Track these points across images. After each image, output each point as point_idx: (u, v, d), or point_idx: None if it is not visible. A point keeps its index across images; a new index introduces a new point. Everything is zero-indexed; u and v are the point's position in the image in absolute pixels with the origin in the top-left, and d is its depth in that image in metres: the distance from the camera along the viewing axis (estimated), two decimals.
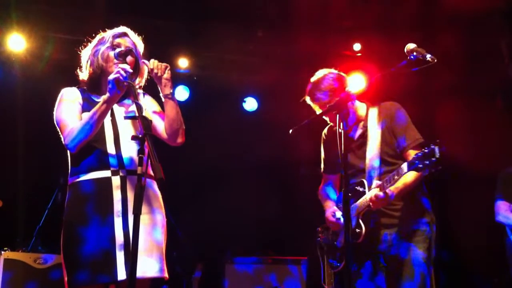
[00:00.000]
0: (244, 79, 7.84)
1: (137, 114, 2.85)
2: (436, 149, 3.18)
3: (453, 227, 6.90)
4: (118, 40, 3.36)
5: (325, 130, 4.20)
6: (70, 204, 3.19)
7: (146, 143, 2.74)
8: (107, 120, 3.27)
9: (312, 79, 4.04)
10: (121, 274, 2.98)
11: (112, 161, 3.17)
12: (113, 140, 3.22)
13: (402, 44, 3.40)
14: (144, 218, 3.01)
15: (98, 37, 3.44)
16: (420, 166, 3.23)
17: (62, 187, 6.05)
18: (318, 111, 3.93)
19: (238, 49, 7.45)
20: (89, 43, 3.49)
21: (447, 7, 6.16)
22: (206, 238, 7.08)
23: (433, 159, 3.17)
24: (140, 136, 2.77)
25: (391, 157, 3.72)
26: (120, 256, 3.00)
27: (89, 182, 3.15)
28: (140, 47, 3.49)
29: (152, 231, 3.14)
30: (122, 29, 3.46)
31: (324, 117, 3.93)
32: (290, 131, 3.59)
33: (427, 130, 6.99)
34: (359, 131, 3.90)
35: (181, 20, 7.00)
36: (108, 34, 3.40)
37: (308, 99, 4.02)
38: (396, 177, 3.46)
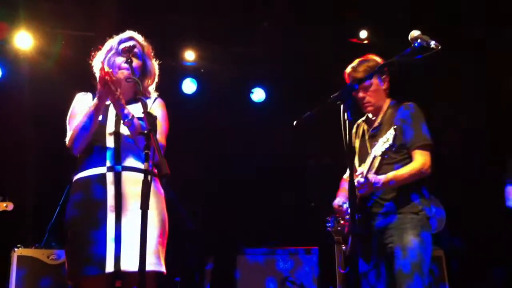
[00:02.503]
0: (251, 70, 7.83)
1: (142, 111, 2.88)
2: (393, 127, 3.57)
3: (466, 216, 6.89)
4: (124, 45, 3.45)
5: (355, 125, 4.34)
6: (69, 200, 3.30)
7: (151, 138, 2.77)
8: (111, 119, 3.36)
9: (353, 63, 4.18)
10: (109, 267, 3.06)
11: (109, 157, 3.26)
12: (113, 137, 3.31)
13: (409, 31, 3.39)
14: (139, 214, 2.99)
15: (107, 45, 3.54)
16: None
17: None
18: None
19: (244, 40, 7.44)
20: (97, 52, 3.57)
21: None
22: (217, 230, 7.11)
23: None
24: (145, 132, 2.80)
25: (394, 153, 3.81)
26: (110, 249, 3.08)
27: (86, 179, 3.25)
28: (148, 48, 3.57)
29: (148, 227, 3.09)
30: (128, 33, 3.55)
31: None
32: (294, 123, 3.64)
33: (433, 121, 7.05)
34: (375, 124, 4.05)
35: (187, 13, 6.99)
36: (115, 41, 3.51)
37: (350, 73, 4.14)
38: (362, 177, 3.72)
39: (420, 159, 3.80)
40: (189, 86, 7.78)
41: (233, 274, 6.31)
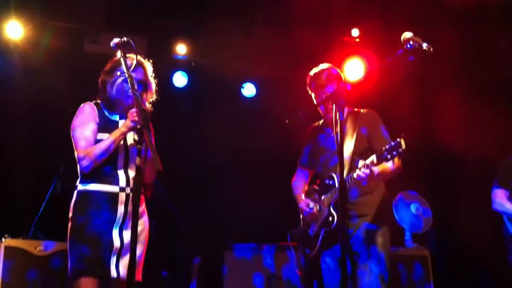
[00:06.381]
0: (243, 65, 7.83)
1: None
2: (402, 141, 3.53)
3: (453, 217, 6.95)
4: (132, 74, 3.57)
5: (310, 128, 4.58)
6: (79, 208, 3.59)
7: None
8: (122, 141, 3.62)
9: (314, 70, 4.37)
10: (113, 273, 3.50)
11: (121, 178, 3.60)
12: (123, 159, 3.63)
13: (401, 31, 3.41)
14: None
15: (113, 63, 3.74)
16: (388, 156, 3.59)
17: (61, 175, 6.07)
18: (315, 100, 4.26)
19: (236, 36, 7.43)
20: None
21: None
22: (206, 225, 7.11)
23: (400, 149, 3.52)
24: (138, 127, 2.82)
25: (361, 158, 3.96)
26: (113, 260, 3.52)
27: (99, 193, 3.57)
28: (149, 68, 3.81)
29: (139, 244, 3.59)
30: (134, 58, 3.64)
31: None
32: (286, 121, 3.72)
33: (425, 121, 7.09)
34: (337, 129, 4.10)
35: (180, 8, 6.97)
36: (123, 65, 3.55)
37: (307, 88, 4.37)
38: (367, 168, 3.79)
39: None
40: (180, 79, 7.78)
41: (220, 269, 6.32)
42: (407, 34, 3.29)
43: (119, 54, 3.39)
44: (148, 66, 3.81)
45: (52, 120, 6.43)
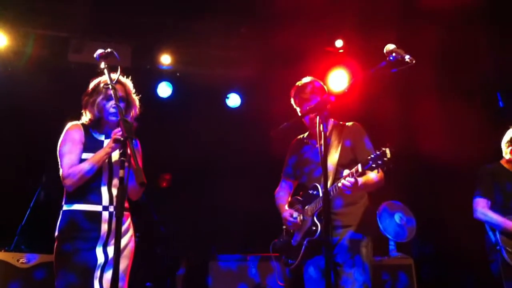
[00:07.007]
0: (227, 75, 7.83)
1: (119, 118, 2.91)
2: (387, 150, 3.52)
3: (437, 225, 6.98)
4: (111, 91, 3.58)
5: (294, 140, 4.59)
6: (65, 231, 3.63)
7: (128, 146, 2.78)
8: (105, 161, 3.66)
9: (298, 83, 4.37)
10: (96, 287, 3.54)
11: (104, 197, 3.65)
12: (107, 177, 3.68)
13: (383, 40, 3.43)
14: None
15: (93, 84, 3.82)
16: (373, 165, 3.58)
17: (44, 185, 6.03)
18: (299, 113, 4.27)
19: (221, 45, 7.44)
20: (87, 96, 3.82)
21: (427, 4, 6.21)
22: (191, 235, 7.08)
23: (385, 159, 3.52)
24: (121, 139, 2.81)
25: (345, 169, 3.96)
26: (97, 274, 3.56)
27: (82, 212, 3.62)
28: (129, 86, 3.87)
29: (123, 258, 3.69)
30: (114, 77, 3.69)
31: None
32: (271, 132, 3.72)
33: (405, 125, 7.13)
34: (321, 141, 4.11)
35: (164, 16, 6.96)
36: (102, 84, 3.74)
37: (292, 101, 4.38)
38: (351, 177, 3.77)
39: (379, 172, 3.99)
40: (164, 89, 7.76)
41: (205, 280, 6.30)
42: (390, 46, 3.31)
43: (102, 65, 3.38)
44: (129, 83, 3.84)
45: (35, 128, 6.40)
